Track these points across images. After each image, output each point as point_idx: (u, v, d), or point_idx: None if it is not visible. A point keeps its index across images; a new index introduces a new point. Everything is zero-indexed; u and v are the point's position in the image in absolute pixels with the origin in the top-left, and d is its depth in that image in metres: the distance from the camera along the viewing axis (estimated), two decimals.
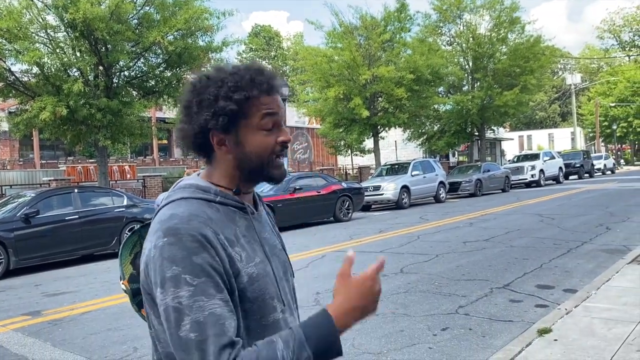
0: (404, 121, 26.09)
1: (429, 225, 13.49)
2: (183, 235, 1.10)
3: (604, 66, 68.36)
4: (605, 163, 41.48)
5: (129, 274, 1.36)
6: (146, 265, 1.15)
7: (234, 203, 1.25)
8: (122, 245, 1.38)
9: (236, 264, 1.16)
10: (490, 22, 30.02)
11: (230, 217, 1.23)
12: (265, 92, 1.23)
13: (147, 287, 1.17)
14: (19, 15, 14.17)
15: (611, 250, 8.47)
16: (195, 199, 1.21)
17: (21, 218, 10.31)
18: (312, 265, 8.77)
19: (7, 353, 5.22)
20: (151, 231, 1.18)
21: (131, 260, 1.38)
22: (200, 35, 17.15)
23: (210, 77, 1.24)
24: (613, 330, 4.59)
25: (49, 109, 14.01)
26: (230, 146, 1.24)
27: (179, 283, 1.07)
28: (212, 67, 1.29)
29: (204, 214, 1.16)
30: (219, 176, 1.27)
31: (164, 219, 1.16)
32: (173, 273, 1.08)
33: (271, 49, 59.31)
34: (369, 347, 4.65)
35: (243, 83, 1.21)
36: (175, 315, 1.07)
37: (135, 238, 1.40)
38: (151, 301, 1.18)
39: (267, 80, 1.24)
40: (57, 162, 30.08)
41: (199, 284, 1.08)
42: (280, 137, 1.25)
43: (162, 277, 1.09)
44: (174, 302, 1.07)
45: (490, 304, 5.86)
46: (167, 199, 1.24)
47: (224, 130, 1.22)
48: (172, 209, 1.18)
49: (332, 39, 26.06)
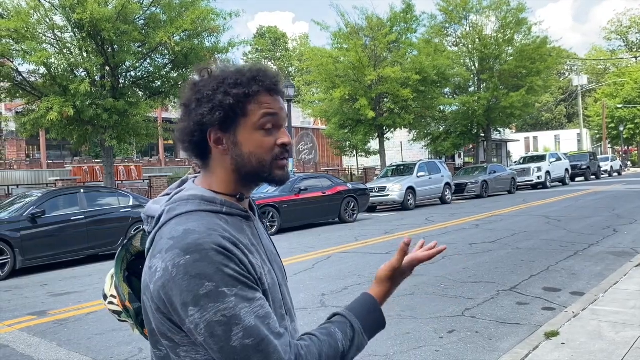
0: (409, 122, 26.04)
1: (435, 226, 13.45)
2: (208, 250, 1.06)
3: (611, 67, 68.03)
4: (612, 165, 41.29)
5: (127, 293, 1.28)
6: (164, 285, 1.07)
7: (239, 212, 1.22)
8: (114, 264, 1.30)
9: (257, 270, 1.14)
10: (497, 23, 29.94)
11: (238, 226, 1.19)
12: (266, 90, 1.20)
13: (163, 309, 1.10)
14: (27, 15, 14.22)
15: (619, 253, 8.42)
16: (202, 211, 1.16)
17: (27, 218, 10.34)
18: (317, 267, 8.75)
19: (14, 353, 5.23)
20: (161, 249, 1.09)
21: (124, 278, 1.30)
22: (206, 36, 17.16)
23: (212, 75, 1.21)
24: (621, 333, 4.55)
25: (55, 109, 14.05)
26: (228, 146, 1.19)
27: (217, 298, 1.04)
28: (215, 67, 1.25)
29: (219, 227, 1.12)
30: (217, 181, 1.23)
31: (178, 235, 1.09)
32: (208, 289, 1.04)
33: (277, 50, 59.40)
34: (375, 349, 4.63)
35: (244, 80, 1.18)
36: (223, 329, 1.04)
37: (123, 253, 1.32)
38: (168, 322, 1.11)
39: (269, 79, 1.20)
40: (64, 162, 30.21)
41: (237, 292, 1.06)
42: (280, 139, 1.21)
43: (196, 296, 1.04)
44: (217, 316, 1.04)
45: (497, 306, 5.82)
46: (170, 213, 1.16)
47: (222, 128, 1.19)
48: (183, 224, 1.11)
49: (337, 40, 26.06)
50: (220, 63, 1.28)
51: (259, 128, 1.19)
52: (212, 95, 1.17)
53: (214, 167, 1.23)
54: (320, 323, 1.25)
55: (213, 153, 1.22)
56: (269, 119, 1.19)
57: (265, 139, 1.19)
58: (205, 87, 1.19)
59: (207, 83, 1.20)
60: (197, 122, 1.18)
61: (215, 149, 1.21)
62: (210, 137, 1.20)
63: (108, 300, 1.32)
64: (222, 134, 1.19)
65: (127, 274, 1.30)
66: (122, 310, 1.29)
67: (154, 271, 1.09)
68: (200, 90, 1.19)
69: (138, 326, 1.29)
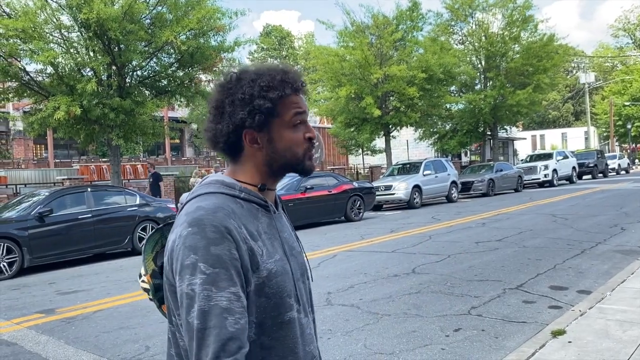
0: (415, 120, 25.98)
1: (441, 225, 13.43)
2: (206, 225, 1.14)
3: (619, 65, 67.59)
4: (620, 163, 41.00)
5: (151, 269, 1.39)
6: (170, 254, 1.18)
7: (257, 200, 1.29)
8: (145, 242, 1.41)
9: (257, 257, 1.19)
10: (503, 21, 29.80)
11: (253, 213, 1.26)
12: (294, 91, 1.30)
13: (170, 277, 1.20)
14: (34, 15, 14.29)
15: (626, 251, 8.37)
16: (220, 193, 1.24)
17: (35, 217, 10.41)
18: (323, 265, 8.76)
19: (22, 350, 5.27)
20: (177, 223, 1.21)
21: (153, 258, 1.40)
22: (212, 35, 17.18)
23: (241, 77, 1.29)
24: (628, 332, 4.53)
25: (63, 109, 14.12)
26: (262, 143, 1.29)
27: (194, 271, 1.11)
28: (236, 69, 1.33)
29: (229, 207, 1.20)
30: (244, 173, 1.31)
31: (190, 211, 1.19)
32: (191, 261, 1.12)
33: (282, 49, 59.37)
34: (381, 347, 4.63)
35: (275, 82, 1.26)
36: (187, 302, 1.11)
37: (158, 236, 1.42)
38: (173, 293, 1.20)
39: (296, 80, 1.30)
40: (71, 161, 30.37)
41: (212, 274, 1.11)
42: (307, 134, 1.31)
43: (182, 265, 1.13)
44: (187, 288, 1.11)
45: (503, 305, 5.81)
46: (193, 194, 1.27)
47: (256, 128, 1.27)
48: (199, 202, 1.21)
49: (343, 38, 26.01)
50: (227, 63, 1.32)
51: (290, 126, 1.29)
52: (248, 98, 1.25)
53: (244, 162, 1.32)
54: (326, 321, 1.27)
55: (246, 150, 1.31)
56: (298, 117, 1.30)
57: (296, 135, 1.30)
58: (237, 90, 1.27)
59: (238, 86, 1.27)
60: (235, 124, 1.26)
61: (249, 148, 1.29)
62: (246, 137, 1.28)
63: (141, 279, 1.42)
64: (257, 134, 1.28)
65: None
66: (148, 286, 1.39)
67: (168, 242, 1.21)
68: (233, 93, 1.27)
69: (156, 301, 1.39)
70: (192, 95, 18.13)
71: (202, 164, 34.47)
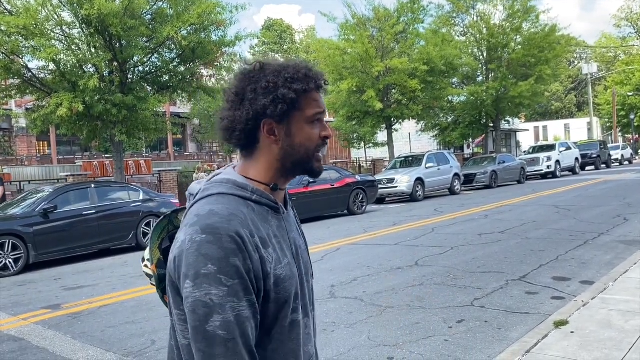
0: (417, 113, 25.94)
1: (444, 217, 13.44)
2: (222, 235, 1.12)
3: (621, 55, 67.21)
4: (623, 153, 40.87)
5: (157, 259, 1.37)
6: (179, 255, 1.16)
7: (268, 203, 1.28)
8: (152, 230, 1.39)
9: (266, 266, 1.19)
10: (504, 12, 29.66)
11: (264, 216, 1.25)
12: (317, 88, 1.29)
13: (173, 276, 1.19)
14: (35, 12, 14.29)
15: (629, 242, 8.38)
16: (232, 195, 1.22)
17: (40, 213, 10.46)
18: (327, 258, 8.80)
19: (29, 346, 5.32)
20: (187, 223, 1.18)
21: (158, 245, 1.38)
22: (213, 29, 17.17)
23: (265, 67, 1.27)
24: (631, 322, 4.55)
25: (65, 105, 14.16)
26: (279, 136, 1.26)
27: (212, 282, 1.11)
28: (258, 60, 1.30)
29: (242, 214, 1.18)
30: (256, 169, 1.29)
31: (203, 214, 1.16)
32: (208, 271, 1.11)
33: (284, 43, 59.23)
34: (385, 339, 4.67)
35: (300, 75, 1.26)
36: (204, 311, 1.11)
37: (165, 223, 1.40)
38: (174, 290, 1.20)
39: (319, 77, 1.30)
40: (74, 158, 30.43)
41: (233, 285, 1.12)
42: (323, 132, 1.30)
43: (196, 272, 1.12)
44: (205, 297, 1.11)
45: (506, 296, 5.84)
46: (204, 192, 1.24)
47: (276, 119, 1.25)
48: (211, 204, 1.19)
49: (344, 32, 25.94)
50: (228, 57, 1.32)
51: (309, 121, 1.28)
52: (272, 87, 1.23)
53: (258, 156, 1.30)
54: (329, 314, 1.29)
55: (261, 142, 1.28)
56: (318, 114, 1.29)
57: (313, 132, 1.28)
58: (261, 79, 1.25)
59: (262, 75, 1.26)
60: (257, 111, 1.24)
61: (266, 139, 1.27)
62: (264, 127, 1.26)
63: (144, 263, 1.41)
64: (276, 125, 1.26)
65: (169, 244, 1.34)
66: (152, 274, 1.38)
67: (176, 241, 1.19)
68: (256, 81, 1.25)
69: (159, 291, 1.38)
70: (194, 91, 18.15)
71: (205, 159, 34.52)
